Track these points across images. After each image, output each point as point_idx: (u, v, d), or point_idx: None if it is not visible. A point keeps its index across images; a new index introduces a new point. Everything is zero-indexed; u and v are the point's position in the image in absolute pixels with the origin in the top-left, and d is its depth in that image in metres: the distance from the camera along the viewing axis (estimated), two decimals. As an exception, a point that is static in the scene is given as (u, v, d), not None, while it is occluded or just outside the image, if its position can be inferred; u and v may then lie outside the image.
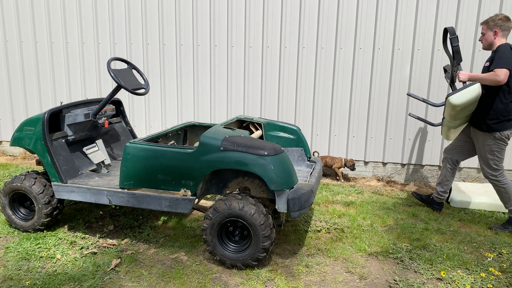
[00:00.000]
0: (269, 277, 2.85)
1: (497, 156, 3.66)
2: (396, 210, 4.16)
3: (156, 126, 5.61)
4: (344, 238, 3.49)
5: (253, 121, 3.76)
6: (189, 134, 4.02)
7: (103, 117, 3.67)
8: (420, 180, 5.12)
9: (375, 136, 5.13)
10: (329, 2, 4.94)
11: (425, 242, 3.43)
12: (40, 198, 3.29)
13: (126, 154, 3.03)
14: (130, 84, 3.45)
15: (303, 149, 3.65)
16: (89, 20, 5.47)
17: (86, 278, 2.80)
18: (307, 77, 5.14)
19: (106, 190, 3.13)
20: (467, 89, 3.48)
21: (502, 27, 3.59)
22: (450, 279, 2.86)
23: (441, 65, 4.82)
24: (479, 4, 4.64)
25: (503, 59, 3.43)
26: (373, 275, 2.93)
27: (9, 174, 4.96)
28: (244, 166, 2.80)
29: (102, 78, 5.61)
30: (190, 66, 5.38)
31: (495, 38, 3.62)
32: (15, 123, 5.89)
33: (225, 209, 2.83)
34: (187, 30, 5.29)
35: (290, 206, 2.79)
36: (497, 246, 3.38)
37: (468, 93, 3.47)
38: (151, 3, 5.30)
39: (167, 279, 2.81)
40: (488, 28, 3.64)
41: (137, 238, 3.43)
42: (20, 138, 3.38)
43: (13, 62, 5.74)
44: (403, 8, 4.78)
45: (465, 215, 4.06)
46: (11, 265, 2.94)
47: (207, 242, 2.94)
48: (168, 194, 2.99)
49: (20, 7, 5.58)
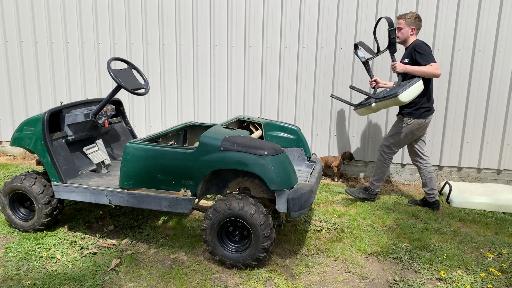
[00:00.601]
0: (269, 277, 2.85)
1: (398, 141, 4.07)
2: (396, 210, 4.16)
3: (156, 126, 5.61)
4: (344, 238, 3.49)
5: (253, 121, 3.76)
6: (189, 134, 4.02)
7: (103, 117, 3.67)
8: (420, 180, 5.12)
9: (375, 136, 5.13)
10: (329, 2, 4.94)
11: (425, 242, 3.43)
12: (40, 198, 3.29)
13: (126, 154, 3.03)
14: (130, 84, 3.45)
15: (303, 149, 3.65)
16: (89, 20, 5.47)
17: (86, 278, 2.80)
18: (307, 77, 5.14)
19: (106, 190, 3.13)
20: (414, 86, 3.69)
21: (417, 26, 3.96)
22: (450, 279, 2.86)
23: (441, 65, 4.82)
24: (479, 4, 4.64)
25: (429, 55, 3.78)
26: (373, 275, 2.93)
27: (9, 174, 4.96)
28: (244, 166, 2.80)
29: (102, 78, 5.61)
30: (190, 66, 5.38)
31: (411, 34, 3.96)
32: (15, 123, 5.89)
33: (225, 209, 2.84)
34: (187, 30, 5.29)
35: (290, 206, 2.79)
36: (497, 246, 3.38)
37: (415, 90, 3.72)
38: (151, 3, 5.30)
39: (167, 279, 2.81)
40: (406, 24, 3.94)
41: (137, 238, 3.43)
42: (20, 138, 3.38)
43: (13, 62, 5.74)
44: (403, 8, 4.78)
45: (465, 215, 4.06)
46: (11, 265, 2.94)
47: (207, 242, 2.94)
48: (168, 194, 2.99)
49: (20, 7, 5.58)
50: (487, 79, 4.78)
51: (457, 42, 4.76)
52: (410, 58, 3.90)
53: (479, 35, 4.70)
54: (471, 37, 4.73)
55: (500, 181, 4.99)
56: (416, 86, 3.70)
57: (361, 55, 4.18)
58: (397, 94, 3.65)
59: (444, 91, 4.88)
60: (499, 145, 4.90)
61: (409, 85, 3.67)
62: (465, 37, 4.74)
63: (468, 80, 4.82)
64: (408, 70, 3.80)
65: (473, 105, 4.86)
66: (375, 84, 4.21)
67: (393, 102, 3.77)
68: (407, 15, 3.94)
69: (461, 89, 4.85)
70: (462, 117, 4.91)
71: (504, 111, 4.81)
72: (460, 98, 4.86)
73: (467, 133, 4.93)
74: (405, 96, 3.66)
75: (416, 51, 3.82)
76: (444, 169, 5.07)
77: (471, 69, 4.78)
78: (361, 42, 4.18)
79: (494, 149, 4.92)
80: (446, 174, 5.07)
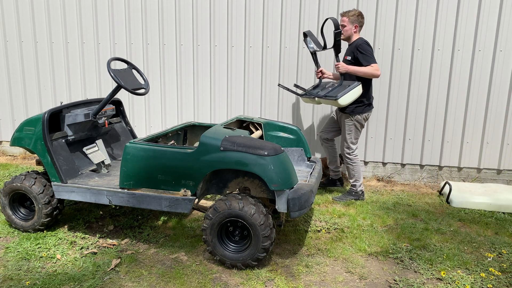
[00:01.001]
0: (269, 277, 2.85)
1: (353, 136, 4.24)
2: (396, 210, 4.16)
3: (156, 126, 5.61)
4: (344, 238, 3.49)
5: (253, 121, 3.76)
6: (189, 134, 4.02)
7: (103, 117, 3.67)
8: (420, 180, 5.12)
9: (375, 136, 5.13)
10: (329, 2, 4.93)
11: (425, 242, 3.43)
12: (40, 198, 3.29)
13: (126, 154, 3.03)
14: (130, 84, 3.45)
15: (303, 149, 3.65)
16: (89, 20, 5.47)
17: (86, 278, 2.80)
18: (307, 77, 5.14)
19: (106, 190, 3.13)
20: (353, 91, 3.89)
21: (360, 23, 4.12)
22: (450, 279, 2.86)
23: (441, 65, 4.82)
24: (479, 4, 4.64)
25: (371, 56, 3.97)
26: (373, 275, 2.93)
27: (9, 174, 4.96)
28: (244, 166, 2.80)
29: (102, 78, 5.61)
30: (190, 66, 5.38)
31: (354, 32, 4.11)
32: (15, 123, 5.89)
33: (225, 209, 2.83)
34: (187, 30, 5.29)
35: (290, 206, 2.79)
36: (497, 246, 3.38)
37: (354, 95, 3.91)
38: (151, 3, 5.30)
39: (167, 279, 2.81)
40: (350, 21, 4.07)
41: (137, 238, 3.43)
42: (20, 138, 3.38)
43: (13, 62, 5.74)
44: (403, 8, 4.78)
45: (465, 215, 4.06)
46: (11, 265, 2.94)
47: (207, 242, 2.94)
48: (168, 194, 2.99)
49: (20, 7, 5.58)
50: (487, 79, 4.78)
51: (457, 42, 4.76)
52: (352, 56, 4.07)
53: (479, 35, 4.70)
54: (471, 37, 4.73)
55: (500, 181, 4.99)
56: (355, 90, 3.90)
57: (310, 45, 4.25)
58: (336, 98, 3.83)
59: (444, 91, 4.88)
60: (499, 145, 4.90)
61: (349, 89, 3.87)
62: (465, 37, 4.74)
63: (468, 80, 4.82)
64: (351, 70, 3.99)
65: (473, 105, 4.86)
66: (321, 75, 4.34)
67: (333, 103, 3.96)
68: (350, 13, 4.07)
69: (461, 89, 4.85)
70: (462, 117, 4.91)
71: (504, 111, 4.81)
72: (460, 98, 4.86)
73: (467, 133, 4.93)
74: (344, 100, 3.86)
75: (358, 50, 3.98)
76: (444, 169, 5.07)
77: (471, 69, 4.78)
78: (310, 32, 4.24)
79: (494, 149, 4.92)
80: (446, 174, 5.07)
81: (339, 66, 3.99)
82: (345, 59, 4.18)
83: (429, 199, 4.54)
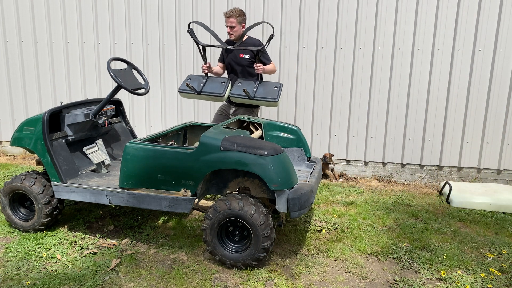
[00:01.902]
0: (269, 277, 2.85)
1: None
2: (396, 210, 4.16)
3: (156, 126, 5.61)
4: (344, 238, 3.49)
5: (253, 121, 3.76)
6: (189, 134, 4.02)
7: (103, 117, 3.67)
8: (420, 180, 5.12)
9: (375, 136, 5.13)
10: (329, 2, 4.94)
11: (425, 242, 3.43)
12: (40, 198, 3.29)
13: (126, 154, 3.03)
14: (130, 84, 3.45)
15: (303, 149, 3.65)
16: (89, 20, 5.47)
17: (86, 278, 2.80)
18: (307, 77, 5.14)
19: (106, 190, 3.13)
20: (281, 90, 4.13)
21: (245, 21, 4.25)
22: (450, 279, 2.86)
23: (441, 65, 4.82)
24: (479, 4, 4.64)
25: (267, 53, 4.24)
26: (373, 275, 2.93)
27: (9, 174, 4.96)
28: (244, 166, 2.80)
29: (102, 78, 5.61)
30: (190, 66, 5.38)
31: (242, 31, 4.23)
32: (15, 123, 5.89)
33: (225, 209, 2.83)
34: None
35: (290, 206, 2.79)
36: (497, 246, 3.38)
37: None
38: (151, 3, 5.30)
39: (167, 279, 2.81)
40: (238, 22, 4.17)
41: (137, 238, 3.43)
42: (20, 138, 3.38)
43: (13, 62, 5.74)
44: (403, 8, 4.78)
45: (465, 215, 4.06)
46: (11, 265, 2.94)
47: (207, 242, 2.94)
48: (168, 194, 2.99)
49: (20, 7, 5.58)
50: (487, 79, 4.78)
51: (457, 42, 4.76)
52: (251, 55, 4.22)
53: (479, 35, 4.70)
54: (471, 37, 4.73)
55: (500, 181, 4.99)
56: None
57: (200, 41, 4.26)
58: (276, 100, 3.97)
59: (444, 91, 4.88)
60: (499, 145, 4.90)
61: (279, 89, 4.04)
62: (465, 37, 4.74)
63: (468, 80, 4.82)
64: (266, 70, 4.22)
65: (473, 105, 4.86)
66: (208, 70, 4.32)
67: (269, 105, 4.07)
68: (236, 13, 4.14)
69: (461, 89, 4.85)
70: (462, 117, 4.91)
71: (504, 111, 4.81)
72: (460, 98, 4.86)
73: (467, 133, 4.93)
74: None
75: (260, 51, 4.07)
76: (444, 169, 5.07)
77: (471, 69, 4.78)
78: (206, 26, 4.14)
79: (494, 149, 4.92)
80: (446, 174, 5.07)
81: (257, 68, 4.11)
82: (241, 57, 4.26)
83: (429, 199, 4.54)
